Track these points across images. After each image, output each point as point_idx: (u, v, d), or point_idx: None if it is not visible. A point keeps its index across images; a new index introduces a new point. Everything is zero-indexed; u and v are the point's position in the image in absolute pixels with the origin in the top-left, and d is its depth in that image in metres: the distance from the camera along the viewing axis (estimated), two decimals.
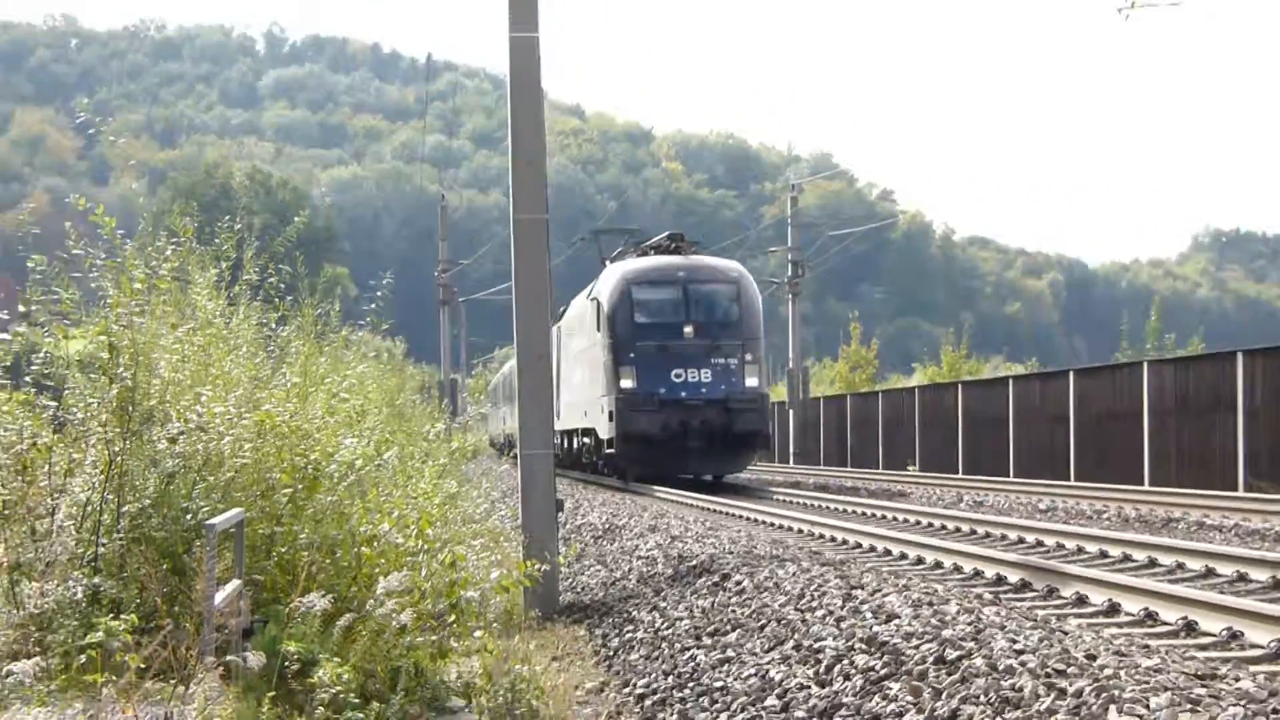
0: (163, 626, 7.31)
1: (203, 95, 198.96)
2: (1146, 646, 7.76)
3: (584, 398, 32.55)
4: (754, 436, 28.92)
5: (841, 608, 9.49)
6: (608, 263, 34.09)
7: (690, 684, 9.29)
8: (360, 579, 9.09)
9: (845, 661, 8.13)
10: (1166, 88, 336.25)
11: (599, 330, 30.09)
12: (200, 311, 10.40)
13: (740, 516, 20.19)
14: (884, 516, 20.23)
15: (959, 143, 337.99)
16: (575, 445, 35.96)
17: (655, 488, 27.07)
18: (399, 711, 7.92)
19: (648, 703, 9.33)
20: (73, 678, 6.48)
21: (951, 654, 7.51)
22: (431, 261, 58.13)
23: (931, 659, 7.56)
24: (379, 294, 14.45)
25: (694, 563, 13.43)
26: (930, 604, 9.09)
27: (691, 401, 28.20)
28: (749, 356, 28.99)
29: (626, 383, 28.54)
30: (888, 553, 14.81)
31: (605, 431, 29.48)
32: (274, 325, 12.44)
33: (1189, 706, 5.80)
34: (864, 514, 20.94)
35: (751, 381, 28.86)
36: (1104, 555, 13.85)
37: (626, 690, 9.87)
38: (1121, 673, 6.54)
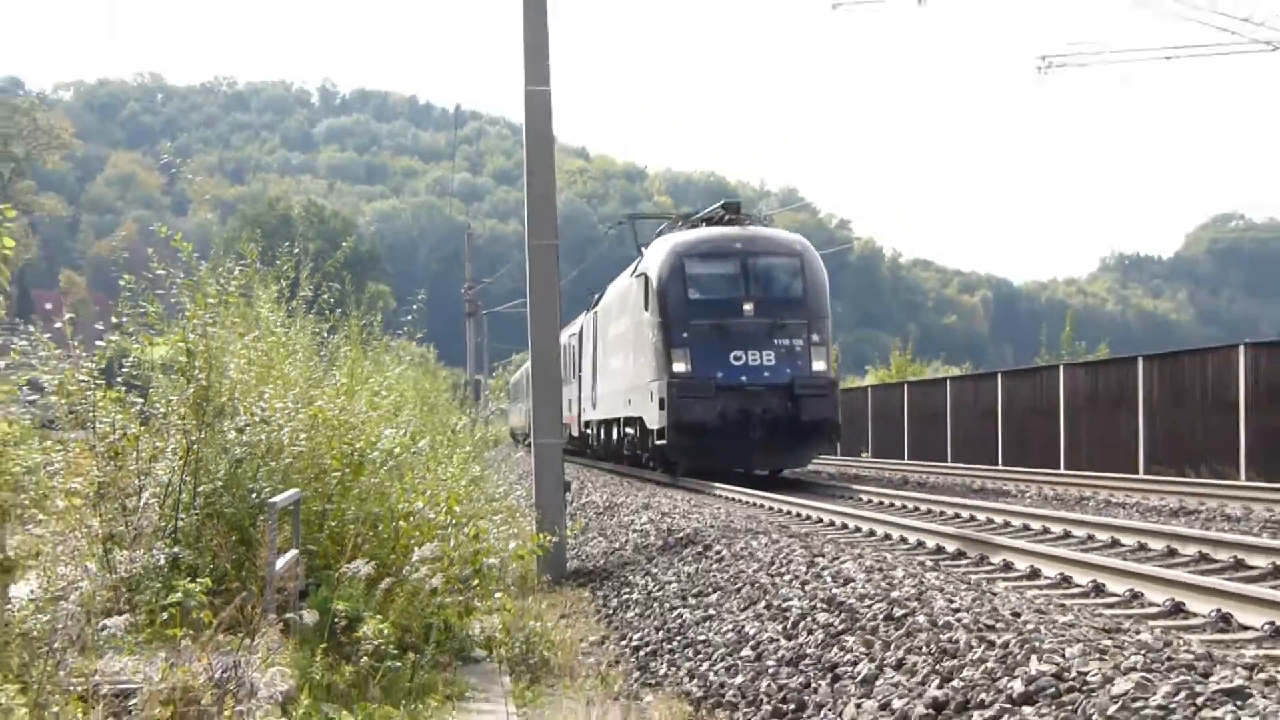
0: (232, 589, 7.30)
1: (266, 140, 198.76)
2: (1062, 605, 7.77)
3: (628, 384, 25.51)
4: (823, 426, 22.06)
5: (806, 573, 9.49)
6: (643, 250, 27.28)
7: (678, 637, 9.28)
8: (398, 548, 9.08)
9: (809, 618, 8.13)
10: (1078, 132, 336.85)
11: (646, 309, 23.37)
12: (263, 322, 10.38)
13: (719, 496, 20.16)
14: (842, 495, 20.20)
15: (906, 179, 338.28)
16: (616, 436, 28.50)
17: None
18: (431, 661, 7.92)
19: (642, 653, 9.32)
20: (156, 631, 6.46)
21: (898, 612, 7.51)
22: (459, 280, 58.17)
23: (881, 616, 7.56)
24: (414, 308, 14.46)
25: (681, 535, 13.42)
26: (880, 570, 9.09)
27: (753, 387, 21.58)
28: (815, 337, 22.19)
29: (679, 366, 21.86)
30: (845, 526, 14.79)
31: (654, 421, 22.57)
32: (325, 334, 12.41)
33: (1098, 655, 5.81)
34: (825, 493, 20.91)
35: (819, 365, 22.13)
36: (1027, 528, 13.84)
37: (624, 643, 9.87)
38: (1041, 627, 6.55)
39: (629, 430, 26.32)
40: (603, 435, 30.71)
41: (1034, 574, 10.26)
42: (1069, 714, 5.24)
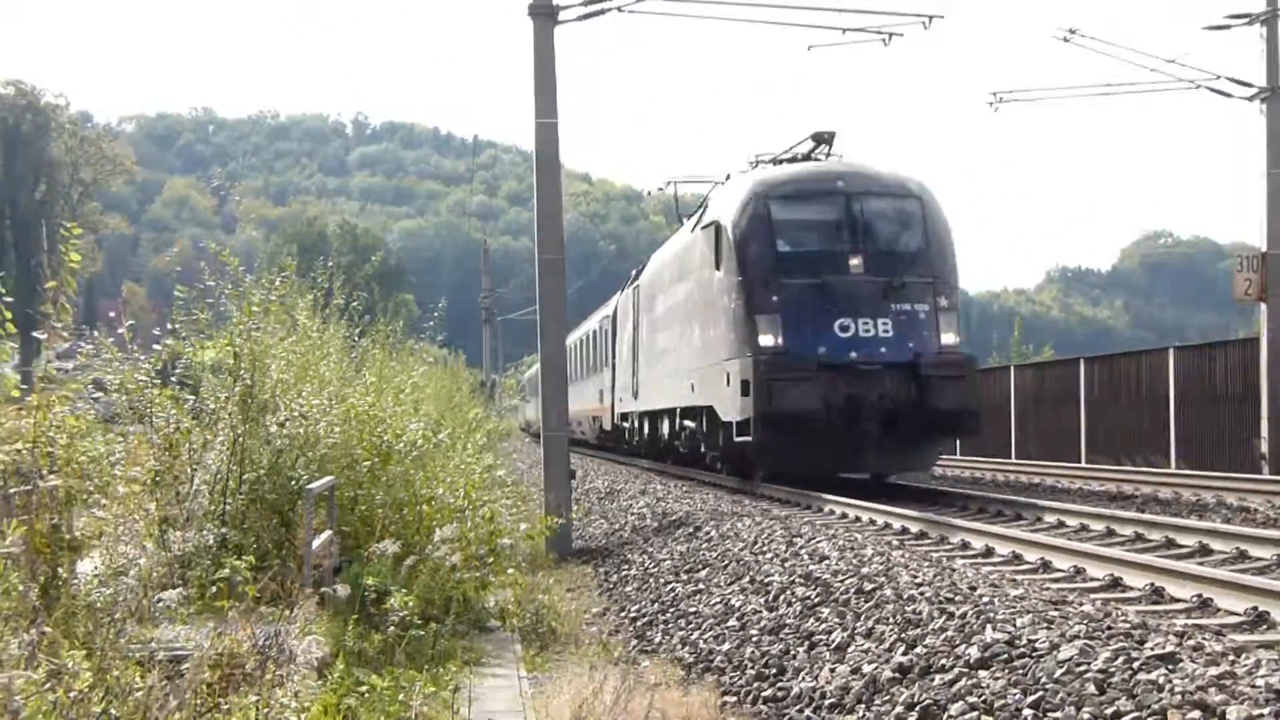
0: (273, 566, 7.28)
1: (305, 166, 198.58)
2: (1014, 580, 7.75)
3: (689, 365, 18.06)
4: (958, 417, 15.15)
5: (785, 551, 9.47)
6: (684, 220, 19.73)
7: (671, 609, 9.26)
8: (422, 530, 9.06)
9: (788, 592, 8.11)
10: (1026, 158, 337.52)
11: (719, 268, 16.22)
12: (301, 327, 10.37)
13: (707, 483, 20.11)
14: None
15: None
16: (668, 430, 21.01)
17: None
18: (451, 630, 7.89)
19: (639, 623, 9.30)
20: (206, 603, 6.46)
21: (868, 586, 7.50)
22: (477, 290, 58.07)
23: (853, 590, 7.54)
24: (435, 315, 14.50)
25: (674, 518, 13.40)
26: (852, 549, 9.07)
27: (866, 365, 14.82)
28: (943, 301, 15.50)
29: (767, 339, 14.96)
30: (820, 509, 14.73)
31: (731, 410, 15.48)
32: (355, 338, 12.40)
33: (1045, 624, 5.79)
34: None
35: (949, 337, 15.38)
36: (983, 511, 13.80)
37: (623, 614, 9.85)
38: (995, 600, 6.53)
39: (688, 423, 19.16)
40: (646, 429, 23.46)
41: (988, 552, 10.23)
42: (1020, 677, 5.22)
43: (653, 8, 15.01)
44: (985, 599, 6.55)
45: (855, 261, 15.26)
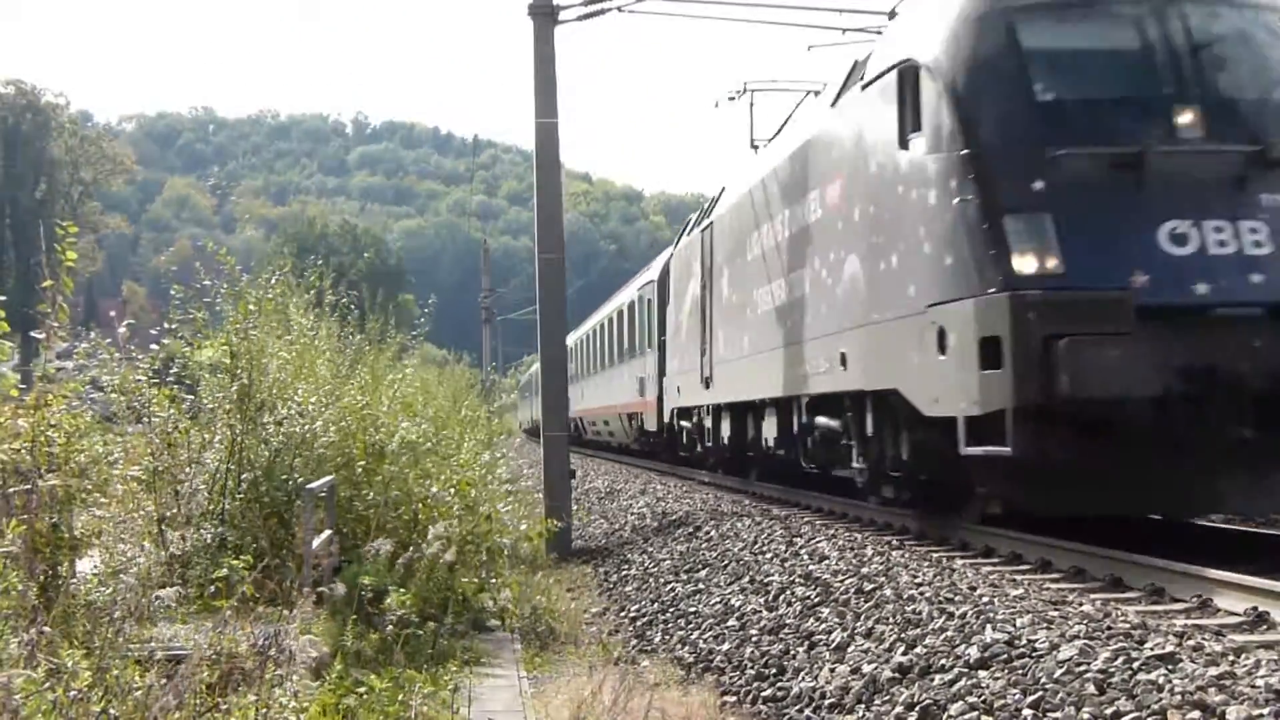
0: (272, 565, 7.28)
1: (305, 166, 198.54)
2: (1013, 580, 7.74)
3: (829, 323, 10.54)
4: None
5: (785, 551, 9.47)
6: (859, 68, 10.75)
7: (671, 609, 9.26)
8: (418, 529, 9.05)
9: (788, 592, 8.11)
10: None
11: (909, 146, 8.58)
12: (296, 325, 10.36)
13: (705, 483, 20.08)
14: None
15: None
16: (774, 433, 13.73)
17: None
18: (450, 630, 7.89)
19: (639, 623, 9.30)
20: (205, 603, 6.46)
21: (868, 586, 7.50)
22: (477, 290, 58.11)
23: (853, 590, 7.54)
24: (426, 310, 14.60)
25: (674, 518, 13.41)
26: (852, 549, 9.07)
27: (1228, 308, 7.33)
28: None
29: (1029, 260, 7.37)
30: (820, 510, 14.72)
31: (957, 396, 7.77)
32: (349, 336, 12.38)
33: (1045, 624, 5.79)
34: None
35: None
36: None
37: (623, 614, 9.85)
38: (995, 600, 6.53)
39: (824, 421, 11.55)
40: (727, 431, 15.93)
41: (988, 552, 10.19)
42: (1019, 677, 5.22)
43: (653, 7, 15.02)
44: (985, 599, 6.54)
45: (1186, 118, 8.02)
